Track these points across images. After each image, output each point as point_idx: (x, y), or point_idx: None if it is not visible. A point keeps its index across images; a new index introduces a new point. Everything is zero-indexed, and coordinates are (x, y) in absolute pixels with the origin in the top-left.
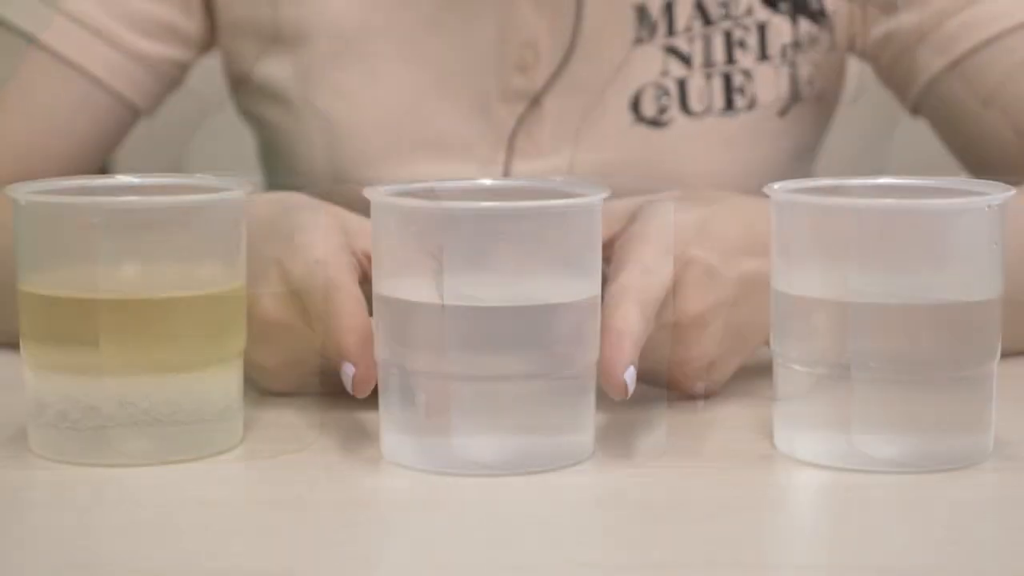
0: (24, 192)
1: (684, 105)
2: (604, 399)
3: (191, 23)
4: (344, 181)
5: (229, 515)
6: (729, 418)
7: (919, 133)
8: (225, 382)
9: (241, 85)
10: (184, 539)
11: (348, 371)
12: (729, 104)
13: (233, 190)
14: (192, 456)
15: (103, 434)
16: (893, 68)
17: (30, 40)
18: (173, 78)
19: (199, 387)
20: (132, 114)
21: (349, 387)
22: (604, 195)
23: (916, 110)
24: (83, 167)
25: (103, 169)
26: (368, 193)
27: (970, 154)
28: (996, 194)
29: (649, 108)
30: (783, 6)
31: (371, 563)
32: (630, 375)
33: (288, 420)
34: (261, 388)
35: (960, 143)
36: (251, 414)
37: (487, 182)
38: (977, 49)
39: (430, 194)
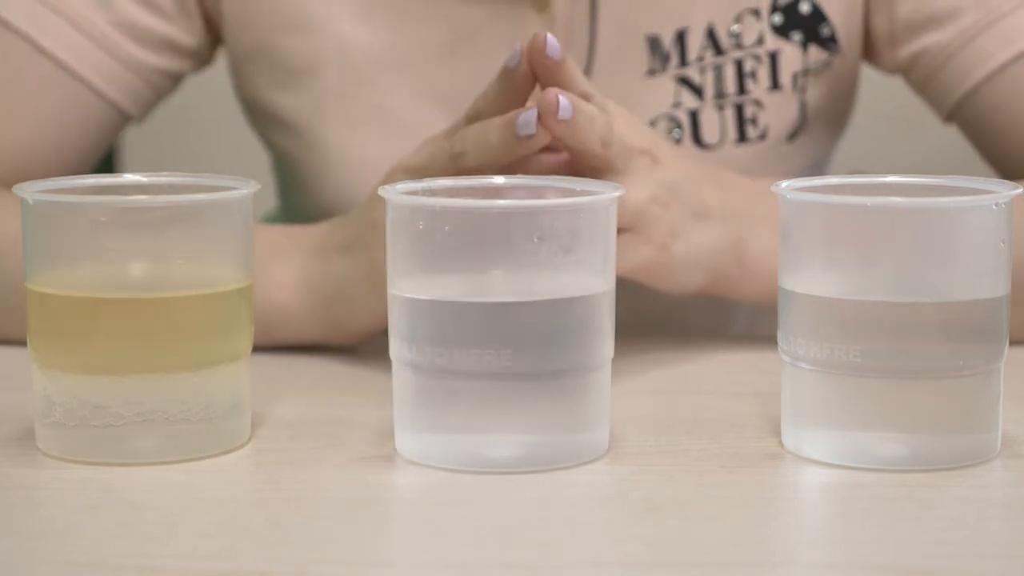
0: (32, 191)
1: (697, 138)
2: (616, 396)
3: (191, 39)
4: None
5: (238, 513)
6: (737, 417)
7: (927, 133)
8: (233, 380)
9: (253, 110)
10: (192, 538)
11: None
12: (742, 136)
13: (240, 189)
14: (201, 454)
15: (111, 433)
16: (925, 84)
17: (30, 43)
18: (166, 88)
19: (207, 386)
20: (123, 120)
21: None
22: (617, 193)
23: (950, 119)
24: (72, 172)
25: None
26: (383, 192)
27: (1006, 163)
28: (1004, 192)
29: None
30: (794, 35)
31: (384, 562)
32: (564, 105)
33: (298, 418)
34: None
35: (994, 153)
36: (260, 412)
37: (499, 180)
38: (1009, 64)
39: (445, 192)
